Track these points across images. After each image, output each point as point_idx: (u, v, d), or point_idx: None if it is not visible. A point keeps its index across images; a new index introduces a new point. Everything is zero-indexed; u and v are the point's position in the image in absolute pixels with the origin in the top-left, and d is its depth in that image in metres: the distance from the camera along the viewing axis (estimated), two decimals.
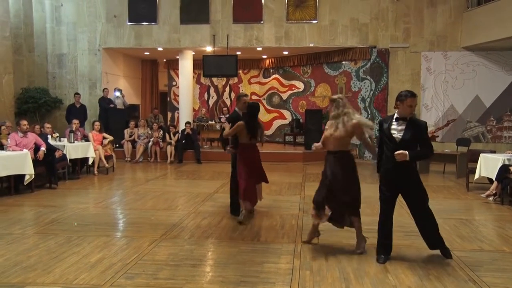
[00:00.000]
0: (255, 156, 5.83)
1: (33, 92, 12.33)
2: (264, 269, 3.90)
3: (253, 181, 5.71)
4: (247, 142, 5.67)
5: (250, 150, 5.76)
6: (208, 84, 16.34)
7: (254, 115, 5.67)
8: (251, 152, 5.77)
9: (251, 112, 5.67)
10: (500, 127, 11.99)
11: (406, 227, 5.35)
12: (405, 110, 4.07)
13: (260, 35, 12.63)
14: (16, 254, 4.20)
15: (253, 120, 5.64)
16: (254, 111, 5.69)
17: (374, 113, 12.57)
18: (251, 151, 5.77)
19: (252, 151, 5.79)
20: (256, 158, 5.86)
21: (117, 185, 8.46)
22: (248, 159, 5.69)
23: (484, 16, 11.05)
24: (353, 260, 4.14)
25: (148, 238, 4.78)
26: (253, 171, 5.72)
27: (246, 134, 5.60)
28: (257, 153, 5.89)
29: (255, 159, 5.81)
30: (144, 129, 12.22)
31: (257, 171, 5.83)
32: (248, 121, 5.60)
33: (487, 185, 7.57)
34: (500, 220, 5.80)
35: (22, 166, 7.10)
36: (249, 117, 5.63)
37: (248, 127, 5.59)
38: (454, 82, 12.10)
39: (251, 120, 5.62)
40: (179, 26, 12.80)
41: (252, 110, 5.70)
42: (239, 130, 5.57)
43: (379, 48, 12.38)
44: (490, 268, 3.98)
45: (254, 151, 5.83)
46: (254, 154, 5.81)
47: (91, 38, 13.20)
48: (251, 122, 5.62)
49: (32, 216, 5.88)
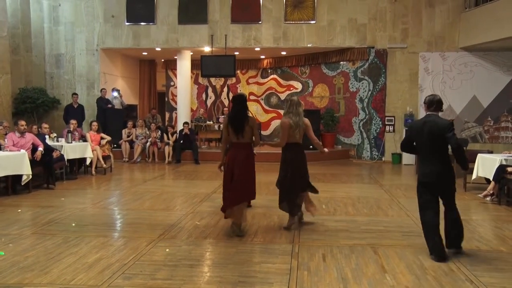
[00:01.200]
0: (238, 160, 4.79)
1: (31, 92, 12.31)
2: (262, 269, 3.90)
3: (228, 195, 4.83)
4: (234, 141, 4.88)
5: (235, 151, 4.85)
6: (206, 84, 16.33)
7: (240, 108, 4.89)
8: (235, 153, 4.84)
9: (236, 105, 4.93)
10: (498, 128, 12.02)
11: (404, 227, 5.36)
12: None
13: (258, 35, 12.63)
14: (13, 255, 4.19)
15: (239, 114, 4.85)
16: (239, 103, 4.93)
17: (372, 113, 12.59)
18: (235, 152, 4.84)
19: (236, 152, 4.84)
20: (239, 162, 4.78)
21: (114, 186, 8.44)
22: (228, 165, 4.86)
23: (481, 17, 11.08)
24: (351, 260, 4.14)
25: (145, 238, 4.77)
26: (228, 181, 4.83)
27: (232, 131, 4.83)
28: (242, 156, 4.81)
29: (236, 163, 4.79)
30: (142, 129, 12.21)
31: (236, 183, 4.77)
32: (234, 116, 4.85)
33: (484, 185, 7.58)
34: (497, 220, 5.81)
35: (19, 166, 7.08)
36: (234, 111, 4.90)
37: (232, 122, 4.82)
38: (451, 83, 12.12)
39: (238, 114, 4.84)
40: (177, 26, 12.80)
41: (236, 102, 4.96)
42: (224, 127, 4.92)
43: (377, 49, 12.39)
44: (487, 268, 3.98)
45: (240, 153, 4.83)
46: (237, 157, 4.81)
47: (89, 38, 13.18)
48: (238, 116, 4.83)
49: (29, 216, 5.86)
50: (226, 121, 4.92)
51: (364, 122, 12.83)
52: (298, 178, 5.18)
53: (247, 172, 4.86)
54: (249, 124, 4.83)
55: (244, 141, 4.86)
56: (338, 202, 6.80)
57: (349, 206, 6.51)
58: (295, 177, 5.15)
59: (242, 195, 4.86)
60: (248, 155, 4.91)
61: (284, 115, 5.25)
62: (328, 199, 6.99)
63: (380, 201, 6.90)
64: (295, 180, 5.16)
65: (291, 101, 5.25)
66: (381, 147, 12.54)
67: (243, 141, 4.85)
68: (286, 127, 5.11)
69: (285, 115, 5.23)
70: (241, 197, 4.85)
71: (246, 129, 4.81)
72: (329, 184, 8.52)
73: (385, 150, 12.53)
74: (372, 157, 12.64)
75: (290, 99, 5.33)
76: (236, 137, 4.83)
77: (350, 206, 6.54)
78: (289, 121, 5.09)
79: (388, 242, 4.73)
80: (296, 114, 5.14)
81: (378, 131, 12.60)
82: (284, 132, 5.13)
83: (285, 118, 5.19)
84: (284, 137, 5.15)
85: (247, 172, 4.86)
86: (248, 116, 4.92)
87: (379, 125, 12.58)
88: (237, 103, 4.94)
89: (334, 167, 11.14)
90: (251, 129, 4.87)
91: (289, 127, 5.09)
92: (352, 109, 13.12)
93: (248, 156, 4.90)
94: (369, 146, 12.71)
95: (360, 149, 12.95)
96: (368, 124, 12.68)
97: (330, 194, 7.44)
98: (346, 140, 13.44)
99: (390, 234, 5.05)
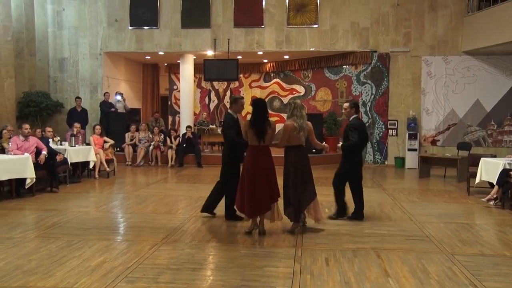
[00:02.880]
0: (261, 164, 5.02)
1: (35, 96, 12.36)
2: (264, 273, 3.90)
3: (256, 203, 4.97)
4: (254, 145, 5.04)
5: (256, 154, 5.04)
6: (209, 88, 16.37)
7: (261, 112, 5.06)
8: (255, 156, 5.04)
9: (257, 109, 5.07)
10: (501, 131, 11.99)
11: (407, 231, 5.35)
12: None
13: (261, 39, 12.66)
14: (17, 258, 4.20)
15: (261, 118, 5.00)
16: (260, 108, 5.09)
17: (375, 117, 12.58)
18: (256, 156, 5.04)
19: (257, 155, 5.04)
20: (263, 167, 5.02)
21: (118, 189, 8.46)
22: (247, 169, 5.05)
23: (484, 21, 11.08)
24: (354, 264, 4.14)
25: (149, 242, 4.78)
26: (249, 184, 4.98)
27: (253, 135, 4.99)
28: (265, 160, 5.03)
29: (259, 167, 5.01)
30: (145, 133, 12.24)
31: (261, 188, 4.95)
32: (256, 120, 5.00)
33: (488, 189, 7.56)
34: (501, 225, 5.79)
35: (23, 169, 7.11)
36: (256, 115, 5.03)
37: (255, 126, 4.98)
38: (454, 87, 12.11)
39: (259, 118, 5.00)
40: (180, 30, 12.84)
41: (257, 107, 5.09)
42: (243, 130, 5.08)
43: (380, 53, 12.40)
44: (491, 272, 3.97)
45: (261, 156, 5.04)
46: (258, 161, 5.02)
47: (92, 42, 13.24)
48: (260, 120, 4.99)
49: (33, 219, 5.89)
50: (247, 125, 5.05)
51: (367, 126, 12.81)
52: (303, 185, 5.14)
53: (271, 175, 5.06)
54: (271, 128, 5.05)
55: (265, 144, 5.06)
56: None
57: (352, 210, 6.48)
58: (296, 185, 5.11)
59: (271, 200, 5.07)
60: (269, 158, 5.11)
61: (288, 118, 5.27)
62: (331, 203, 6.97)
63: (383, 205, 6.89)
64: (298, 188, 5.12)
65: (295, 104, 5.26)
66: (384, 151, 12.52)
67: (264, 144, 5.04)
68: (288, 130, 5.11)
69: (289, 118, 5.24)
70: (270, 202, 5.06)
71: (268, 133, 5.01)
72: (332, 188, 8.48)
73: (388, 154, 12.51)
74: (375, 161, 12.62)
75: (293, 102, 5.33)
76: (257, 141, 5.00)
77: (353, 210, 6.51)
78: (294, 124, 5.10)
79: (391, 246, 4.73)
80: (301, 117, 5.16)
81: (381, 135, 12.59)
82: (285, 135, 5.14)
83: (289, 121, 5.19)
84: (284, 139, 5.18)
85: (271, 175, 5.06)
86: (270, 120, 5.13)
87: (382, 129, 12.57)
88: (258, 108, 5.09)
89: None
90: (273, 132, 5.11)
91: (293, 130, 5.10)
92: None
93: (270, 159, 5.10)
94: (372, 150, 12.70)
95: (363, 153, 12.91)
96: (371, 128, 12.66)
97: (333, 198, 7.40)
98: None
99: (393, 238, 5.05)
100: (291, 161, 5.20)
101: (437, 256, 4.36)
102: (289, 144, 5.22)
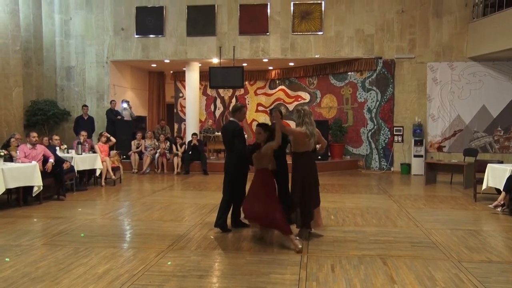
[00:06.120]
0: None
1: (42, 105, 12.48)
2: (270, 280, 3.89)
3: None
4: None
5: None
6: (215, 96, 16.44)
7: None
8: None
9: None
10: (508, 137, 11.92)
11: (414, 238, 5.32)
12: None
13: (266, 46, 12.73)
14: (25, 266, 4.23)
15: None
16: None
17: (380, 124, 12.57)
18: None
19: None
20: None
21: (124, 196, 8.50)
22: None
23: (489, 27, 11.07)
24: (360, 271, 4.13)
25: (155, 249, 4.79)
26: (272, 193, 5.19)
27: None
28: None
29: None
30: (151, 140, 12.31)
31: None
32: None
33: (495, 195, 7.51)
34: (508, 231, 5.74)
35: (30, 177, 7.17)
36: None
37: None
38: (460, 93, 12.08)
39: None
40: (185, 38, 12.95)
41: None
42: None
43: (385, 59, 12.42)
44: (498, 279, 3.94)
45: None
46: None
47: (99, 51, 13.38)
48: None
49: (40, 227, 5.93)
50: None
51: (372, 132, 12.81)
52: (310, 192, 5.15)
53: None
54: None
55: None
56: (347, 212, 6.78)
57: (358, 217, 6.48)
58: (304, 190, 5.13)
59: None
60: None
61: (298, 125, 5.17)
62: (337, 209, 6.98)
63: (389, 212, 6.86)
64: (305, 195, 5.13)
65: (304, 110, 5.18)
66: (389, 157, 12.49)
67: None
68: (301, 136, 5.08)
69: (299, 125, 5.15)
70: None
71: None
72: (337, 195, 8.50)
73: (393, 160, 12.47)
74: (381, 167, 12.58)
75: (302, 108, 5.24)
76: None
77: (359, 216, 6.52)
78: (306, 131, 5.08)
79: (397, 252, 4.71)
80: (311, 124, 5.12)
81: (386, 141, 12.56)
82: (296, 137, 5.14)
83: (300, 127, 5.11)
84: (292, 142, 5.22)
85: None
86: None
87: (388, 135, 12.54)
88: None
89: (343, 178, 11.11)
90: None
91: (305, 136, 5.08)
92: (360, 119, 13.12)
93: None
94: (378, 156, 12.67)
95: (369, 159, 12.91)
96: (376, 134, 12.65)
97: (338, 204, 7.42)
98: (355, 151, 13.41)
99: (399, 244, 5.03)
100: (299, 167, 5.18)
101: (444, 263, 4.34)
102: (298, 150, 5.19)
